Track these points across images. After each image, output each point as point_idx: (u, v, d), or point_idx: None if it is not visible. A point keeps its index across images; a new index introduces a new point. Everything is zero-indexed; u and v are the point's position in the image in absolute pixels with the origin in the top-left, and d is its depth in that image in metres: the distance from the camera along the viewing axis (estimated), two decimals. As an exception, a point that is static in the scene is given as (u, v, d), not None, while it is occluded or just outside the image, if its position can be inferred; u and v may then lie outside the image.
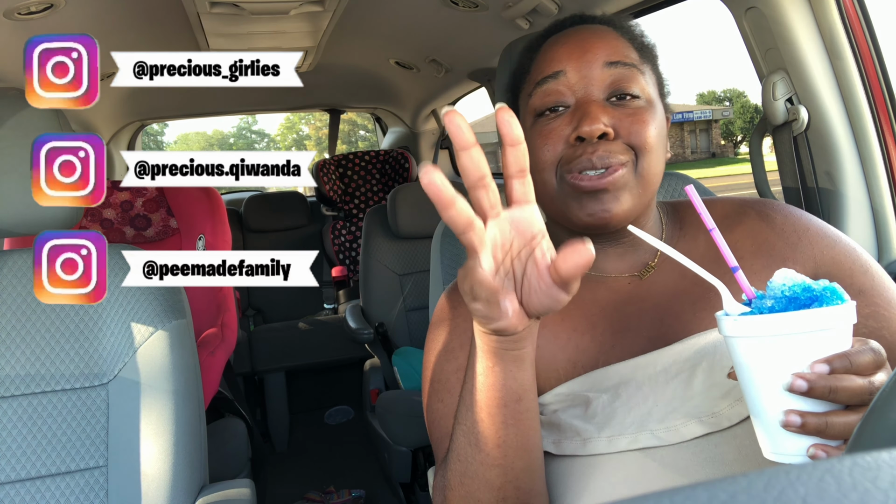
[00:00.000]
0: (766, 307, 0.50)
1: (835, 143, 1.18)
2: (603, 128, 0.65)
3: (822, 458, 0.48)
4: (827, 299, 0.48)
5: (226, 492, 0.99)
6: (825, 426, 0.48)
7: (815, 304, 0.48)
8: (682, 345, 0.65)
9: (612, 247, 0.73)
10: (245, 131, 26.72)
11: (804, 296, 0.49)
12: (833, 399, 0.48)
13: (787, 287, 0.50)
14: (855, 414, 0.48)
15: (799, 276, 0.50)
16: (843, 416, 0.48)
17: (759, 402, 0.51)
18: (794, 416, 0.48)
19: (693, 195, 0.55)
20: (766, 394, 0.50)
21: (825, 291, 0.49)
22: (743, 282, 0.53)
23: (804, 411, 0.48)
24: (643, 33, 0.74)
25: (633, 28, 0.74)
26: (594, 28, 0.72)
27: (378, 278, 2.31)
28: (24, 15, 1.50)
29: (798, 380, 0.48)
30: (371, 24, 2.14)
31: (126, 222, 1.98)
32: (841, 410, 0.48)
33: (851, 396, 0.47)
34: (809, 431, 0.48)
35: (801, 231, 0.71)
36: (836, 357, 0.48)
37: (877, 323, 0.65)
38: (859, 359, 0.48)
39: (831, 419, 0.48)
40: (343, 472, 2.43)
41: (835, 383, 0.47)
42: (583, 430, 0.65)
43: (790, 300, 0.49)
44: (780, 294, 0.50)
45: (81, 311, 1.00)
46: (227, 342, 1.76)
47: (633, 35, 0.72)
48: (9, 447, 0.95)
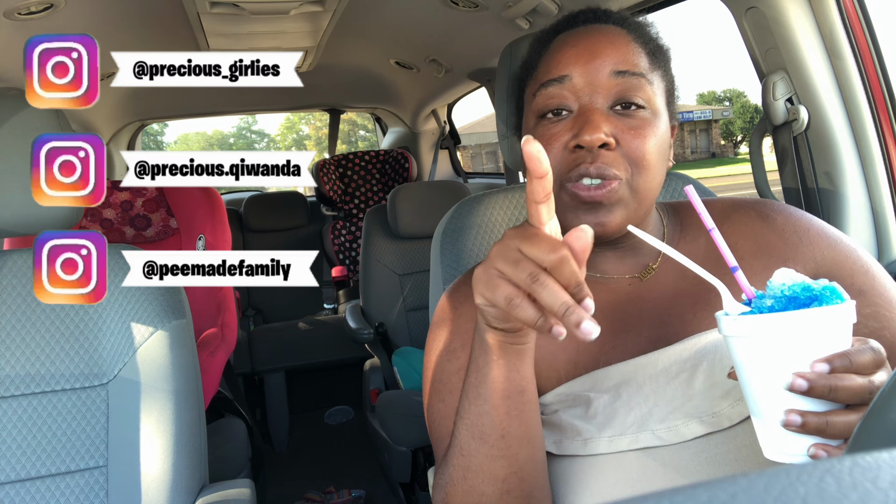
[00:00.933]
0: (765, 307, 0.50)
1: (835, 143, 1.18)
2: (603, 138, 0.64)
3: (823, 458, 0.48)
4: (826, 299, 0.48)
5: (226, 492, 0.99)
6: (826, 426, 0.48)
7: (815, 303, 0.48)
8: (683, 345, 0.65)
9: (612, 249, 0.73)
10: (245, 131, 26.75)
11: (804, 295, 0.49)
12: (833, 398, 0.47)
13: (787, 287, 0.50)
14: (855, 413, 0.48)
15: (798, 276, 0.50)
16: (844, 415, 0.48)
17: (758, 401, 0.51)
18: (795, 415, 0.48)
19: (692, 195, 0.55)
20: (766, 394, 0.50)
21: (825, 291, 0.49)
22: (742, 282, 0.53)
23: (805, 411, 0.48)
24: (658, 35, 0.72)
25: (648, 29, 0.72)
26: (606, 30, 0.70)
27: (378, 278, 2.31)
28: (24, 15, 1.50)
29: (798, 379, 0.48)
30: (371, 24, 2.14)
31: (126, 222, 1.98)
32: (841, 410, 0.48)
33: (852, 395, 0.47)
34: (810, 431, 0.48)
35: (801, 231, 0.71)
36: (836, 356, 0.48)
37: (878, 323, 0.65)
38: (859, 358, 0.48)
39: (832, 419, 0.48)
40: (343, 472, 2.43)
41: (835, 382, 0.47)
42: (584, 430, 0.65)
43: (790, 300, 0.49)
44: (779, 294, 0.50)
45: (81, 311, 1.00)
46: (227, 342, 1.76)
47: (647, 38, 0.70)
48: (9, 447, 0.95)
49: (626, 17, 0.72)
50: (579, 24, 0.72)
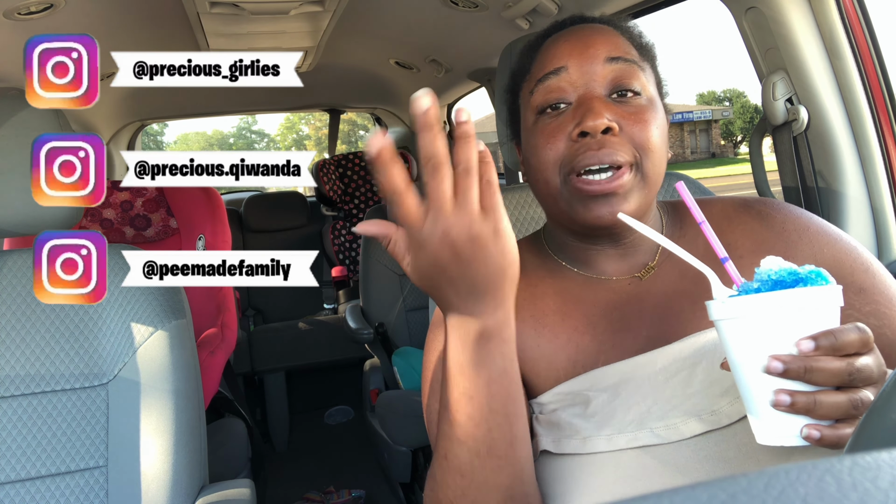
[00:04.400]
0: (752, 289, 0.51)
1: (835, 143, 1.18)
2: (607, 122, 0.65)
3: (816, 438, 0.48)
4: (811, 280, 0.49)
5: (226, 492, 0.99)
6: (814, 405, 0.48)
7: (801, 285, 0.49)
8: (682, 343, 0.65)
9: (612, 248, 0.73)
10: (245, 131, 26.72)
11: (790, 279, 0.50)
12: (809, 380, 0.48)
13: (774, 272, 0.51)
14: (844, 394, 0.48)
15: (786, 263, 0.51)
16: (832, 395, 0.48)
17: (747, 384, 0.51)
18: (784, 395, 0.49)
19: (683, 191, 0.56)
20: (753, 376, 0.50)
21: (810, 274, 0.50)
22: (732, 272, 0.54)
23: (793, 390, 0.49)
24: (642, 33, 0.74)
25: (632, 28, 0.74)
26: (594, 26, 0.72)
27: (378, 278, 2.31)
28: (24, 15, 1.50)
29: (774, 361, 0.48)
30: (371, 24, 2.14)
31: (126, 222, 1.98)
32: (830, 390, 0.49)
33: (828, 378, 0.48)
34: (799, 410, 0.48)
35: (801, 230, 0.71)
36: (821, 334, 0.48)
37: (878, 321, 0.65)
38: (844, 336, 0.48)
39: (819, 398, 0.48)
40: (343, 472, 2.43)
41: (810, 364, 0.48)
42: (582, 429, 0.65)
43: (776, 283, 0.50)
44: (766, 278, 0.51)
45: (81, 311, 1.00)
46: (227, 342, 1.76)
47: (632, 35, 0.73)
48: (9, 447, 0.95)
49: (610, 18, 0.75)
50: (567, 26, 0.74)
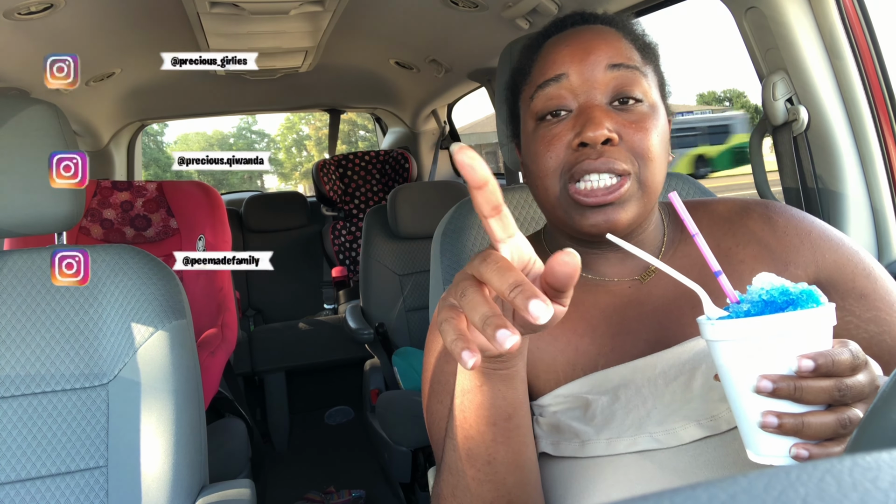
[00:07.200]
0: (742, 311, 0.50)
1: (835, 143, 1.18)
2: (607, 133, 0.64)
3: (805, 457, 0.48)
4: (803, 303, 0.49)
5: (226, 492, 0.99)
6: (802, 426, 0.48)
7: (791, 307, 0.49)
8: (682, 348, 0.65)
9: (613, 252, 0.73)
10: (245, 131, 26.69)
11: (781, 299, 0.49)
12: (798, 399, 0.48)
13: (766, 291, 0.50)
14: (832, 414, 0.48)
15: (778, 280, 0.51)
16: (820, 416, 0.48)
17: (738, 404, 0.51)
18: (772, 416, 0.49)
19: (676, 202, 0.55)
20: (743, 395, 0.50)
21: (801, 295, 0.49)
22: (726, 286, 0.53)
23: (781, 412, 0.49)
24: (645, 32, 0.73)
25: (635, 27, 0.73)
26: (596, 28, 0.71)
27: (378, 278, 2.31)
28: (24, 15, 1.50)
29: (763, 381, 0.48)
30: (371, 24, 2.13)
31: (126, 222, 1.98)
32: (818, 411, 0.49)
33: (816, 397, 0.48)
34: (787, 432, 0.48)
35: (803, 234, 0.71)
36: (819, 354, 0.48)
37: (878, 328, 0.65)
38: (839, 358, 0.48)
39: (808, 419, 0.48)
40: (343, 472, 2.43)
41: (800, 383, 0.48)
42: (582, 432, 0.65)
43: (766, 304, 0.50)
44: (757, 298, 0.50)
45: (81, 311, 1.00)
46: (227, 342, 1.76)
47: (635, 35, 0.71)
48: (9, 447, 0.95)
49: (613, 17, 0.73)
50: (568, 26, 0.73)
